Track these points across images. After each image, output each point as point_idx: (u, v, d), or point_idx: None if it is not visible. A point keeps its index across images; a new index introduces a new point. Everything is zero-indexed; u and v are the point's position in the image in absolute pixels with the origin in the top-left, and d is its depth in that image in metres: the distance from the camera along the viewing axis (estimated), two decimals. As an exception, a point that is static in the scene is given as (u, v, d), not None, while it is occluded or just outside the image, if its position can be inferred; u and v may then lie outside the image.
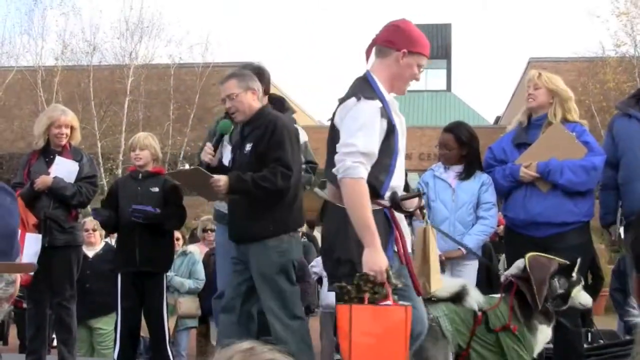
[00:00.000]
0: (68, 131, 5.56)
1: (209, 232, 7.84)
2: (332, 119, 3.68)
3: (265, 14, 72.77)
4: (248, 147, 4.56)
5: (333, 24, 74.60)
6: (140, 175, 5.54)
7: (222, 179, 4.45)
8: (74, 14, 28.80)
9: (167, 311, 5.57)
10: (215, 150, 4.75)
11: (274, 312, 4.45)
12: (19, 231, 1.40)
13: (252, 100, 4.59)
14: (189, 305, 7.33)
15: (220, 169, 4.69)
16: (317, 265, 7.76)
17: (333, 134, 3.60)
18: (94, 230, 7.11)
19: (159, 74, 23.91)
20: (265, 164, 4.43)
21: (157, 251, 5.43)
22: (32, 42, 24.96)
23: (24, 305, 6.13)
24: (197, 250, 7.65)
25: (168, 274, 6.07)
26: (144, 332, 5.75)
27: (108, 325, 7.18)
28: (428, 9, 67.69)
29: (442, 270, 5.11)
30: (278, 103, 5.29)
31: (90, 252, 6.86)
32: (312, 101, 73.35)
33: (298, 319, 4.50)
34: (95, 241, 7.13)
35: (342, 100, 3.60)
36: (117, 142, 22.35)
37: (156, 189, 5.44)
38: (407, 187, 5.19)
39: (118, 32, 23.97)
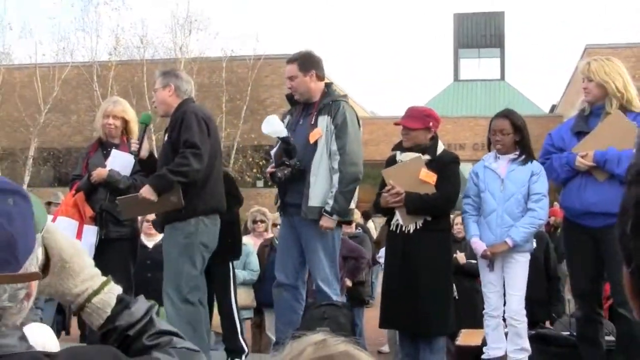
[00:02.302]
0: (118, 122, 5.61)
1: (259, 223, 7.87)
2: None
3: (315, 4, 72.77)
4: (166, 138, 4.97)
5: (383, 16, 74.25)
6: None
7: (143, 190, 4.76)
8: (125, 9, 29.23)
9: (235, 300, 5.56)
10: (140, 142, 5.16)
11: (168, 292, 4.70)
12: (27, 235, 1.28)
13: (168, 97, 5.01)
14: (243, 296, 7.36)
15: (148, 160, 5.19)
16: (382, 256, 7.73)
17: None
18: (155, 222, 7.16)
19: (211, 67, 24.11)
20: (177, 150, 4.69)
21: (222, 241, 5.15)
22: (87, 38, 25.42)
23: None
24: (251, 242, 7.67)
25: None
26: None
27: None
28: (480, -3, 66.82)
29: (491, 266, 5.02)
30: (325, 87, 5.26)
31: (150, 243, 6.92)
32: (361, 92, 73.20)
33: (189, 303, 4.69)
34: (155, 232, 7.16)
35: None
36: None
37: None
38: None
39: (168, 27, 24.27)
